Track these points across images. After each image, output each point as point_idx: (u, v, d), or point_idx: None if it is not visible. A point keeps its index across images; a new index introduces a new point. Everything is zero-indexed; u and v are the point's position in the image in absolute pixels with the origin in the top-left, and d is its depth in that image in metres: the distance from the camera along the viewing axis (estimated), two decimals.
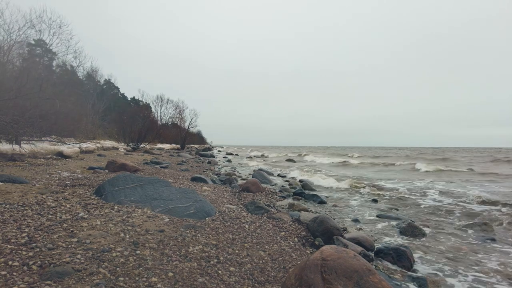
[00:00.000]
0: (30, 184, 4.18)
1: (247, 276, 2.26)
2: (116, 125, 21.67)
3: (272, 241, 3.14)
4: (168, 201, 3.72)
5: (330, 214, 5.18)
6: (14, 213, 2.76)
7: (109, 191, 3.82)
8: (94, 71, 27.63)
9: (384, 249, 3.31)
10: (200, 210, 3.64)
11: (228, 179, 7.67)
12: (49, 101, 7.86)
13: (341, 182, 9.56)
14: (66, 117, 9.47)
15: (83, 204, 3.38)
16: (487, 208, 6.05)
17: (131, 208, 3.44)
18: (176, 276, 2.05)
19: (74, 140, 10.72)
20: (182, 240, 2.70)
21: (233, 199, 5.22)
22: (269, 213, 4.32)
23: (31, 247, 2.11)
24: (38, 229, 2.46)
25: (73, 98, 14.72)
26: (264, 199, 5.74)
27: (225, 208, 4.18)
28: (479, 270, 3.10)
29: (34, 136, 7.20)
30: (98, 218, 2.93)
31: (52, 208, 3.06)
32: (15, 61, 12.79)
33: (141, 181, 4.14)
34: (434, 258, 3.42)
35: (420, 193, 8.11)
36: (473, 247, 3.81)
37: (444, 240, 4.10)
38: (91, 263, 2.00)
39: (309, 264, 1.86)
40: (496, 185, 9.88)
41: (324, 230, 3.55)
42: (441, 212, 5.80)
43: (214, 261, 2.40)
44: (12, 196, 3.33)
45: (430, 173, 14.31)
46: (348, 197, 7.21)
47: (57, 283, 1.72)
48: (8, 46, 13.37)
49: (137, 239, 2.53)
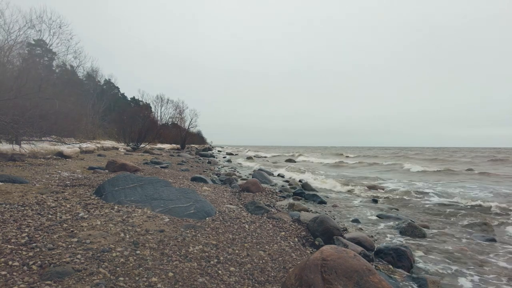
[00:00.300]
0: (30, 184, 4.18)
1: (247, 276, 2.26)
2: (116, 125, 21.67)
3: (272, 241, 3.14)
4: (168, 201, 3.72)
5: (330, 214, 5.18)
6: (14, 213, 2.76)
7: (109, 191, 3.82)
8: (94, 71, 27.66)
9: (384, 249, 3.31)
10: (200, 210, 3.64)
11: (228, 179, 7.67)
12: (49, 101, 7.86)
13: (327, 180, 9.67)
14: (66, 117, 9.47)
15: (83, 204, 3.38)
16: (488, 208, 6.05)
17: (131, 208, 3.44)
18: (176, 276, 2.05)
19: (74, 140, 10.72)
20: (182, 240, 2.70)
21: (233, 199, 5.22)
22: (269, 213, 4.32)
23: (31, 247, 2.11)
24: (38, 229, 2.46)
25: (73, 98, 14.73)
26: (264, 199, 5.74)
27: (225, 208, 4.18)
28: (479, 270, 3.10)
29: (34, 136, 7.21)
30: (98, 218, 2.93)
31: (52, 208, 3.06)
32: (15, 61, 12.79)
33: (141, 181, 4.14)
34: (434, 258, 3.42)
35: (421, 193, 8.11)
36: (473, 247, 3.81)
37: (444, 240, 4.10)
38: (91, 263, 2.00)
39: (309, 264, 1.86)
40: (497, 185, 9.88)
41: (324, 230, 3.55)
42: (441, 212, 5.80)
43: (214, 261, 2.40)
44: (12, 196, 3.33)
45: (430, 173, 14.31)
46: (348, 197, 7.21)
47: (57, 283, 1.72)
48: (8, 46, 13.38)
49: (137, 239, 2.53)
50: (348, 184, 9.14)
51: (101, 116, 25.47)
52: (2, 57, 12.15)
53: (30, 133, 6.98)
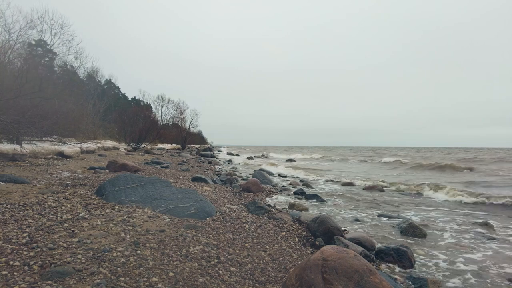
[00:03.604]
0: (31, 184, 4.18)
1: (248, 276, 2.26)
2: (117, 125, 21.69)
3: (272, 241, 3.14)
4: (169, 201, 3.72)
5: (330, 214, 5.17)
6: (15, 213, 2.77)
7: (109, 191, 3.82)
8: (95, 71, 27.70)
9: (385, 249, 3.30)
10: (201, 210, 3.64)
11: (229, 179, 7.67)
12: (49, 101, 7.87)
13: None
14: (67, 117, 9.48)
15: (84, 204, 3.39)
16: (488, 208, 6.04)
17: (131, 208, 3.44)
18: (176, 276, 2.05)
19: (75, 140, 10.74)
20: (183, 240, 2.70)
21: (233, 199, 5.22)
22: (269, 213, 4.32)
23: (32, 247, 2.11)
24: (39, 229, 2.46)
25: (73, 98, 14.75)
26: (265, 199, 5.73)
27: (226, 208, 4.18)
28: (480, 270, 3.09)
29: (35, 136, 7.23)
30: (98, 218, 2.93)
31: (53, 208, 3.07)
32: (16, 62, 12.81)
33: (141, 181, 4.14)
34: (435, 258, 3.41)
35: (421, 193, 8.10)
36: (474, 247, 3.80)
37: (445, 240, 4.09)
38: (91, 263, 2.00)
39: (309, 264, 1.86)
40: (497, 185, 9.86)
41: (325, 230, 3.54)
42: (442, 212, 5.79)
43: (214, 261, 2.40)
44: (13, 196, 3.34)
45: (430, 173, 14.29)
46: (349, 198, 7.21)
47: (58, 283, 1.72)
48: (9, 46, 13.39)
49: (137, 239, 2.53)
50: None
51: (102, 116, 25.50)
52: (3, 57, 12.17)
53: (31, 133, 7.00)
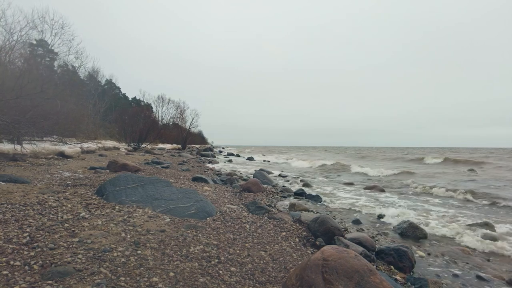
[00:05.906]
0: (31, 184, 4.19)
1: (248, 276, 2.26)
2: (117, 125, 21.71)
3: (273, 241, 3.14)
4: (169, 201, 3.73)
5: (331, 214, 5.17)
6: (15, 213, 2.77)
7: (110, 191, 3.83)
8: (95, 72, 27.73)
9: (385, 250, 3.30)
10: (201, 210, 3.64)
11: (229, 179, 7.67)
12: (50, 101, 7.88)
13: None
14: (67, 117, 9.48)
15: (84, 204, 3.39)
16: (488, 208, 6.04)
17: (132, 208, 3.45)
18: (177, 276, 2.05)
19: (76, 140, 10.74)
20: (183, 240, 2.70)
21: (234, 199, 5.22)
22: (270, 213, 4.32)
23: (32, 246, 2.12)
24: (40, 229, 2.47)
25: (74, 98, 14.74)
26: (265, 199, 5.73)
27: (226, 208, 4.18)
28: (480, 271, 3.09)
29: (35, 136, 7.23)
30: (99, 218, 2.93)
31: (53, 208, 3.07)
32: (17, 62, 12.82)
33: (142, 181, 4.14)
34: (435, 258, 3.41)
35: (422, 193, 8.09)
36: (474, 248, 3.80)
37: (445, 240, 4.09)
38: (92, 263, 2.00)
39: (310, 264, 1.86)
40: (498, 185, 9.85)
41: (325, 230, 3.54)
42: (442, 212, 5.78)
43: (215, 261, 2.40)
44: (13, 196, 3.34)
45: (430, 172, 14.27)
46: (349, 197, 7.20)
47: (58, 283, 1.72)
48: (10, 47, 13.41)
49: (138, 239, 2.53)
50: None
51: (103, 116, 25.54)
52: (4, 57, 12.19)
53: (32, 133, 7.00)
